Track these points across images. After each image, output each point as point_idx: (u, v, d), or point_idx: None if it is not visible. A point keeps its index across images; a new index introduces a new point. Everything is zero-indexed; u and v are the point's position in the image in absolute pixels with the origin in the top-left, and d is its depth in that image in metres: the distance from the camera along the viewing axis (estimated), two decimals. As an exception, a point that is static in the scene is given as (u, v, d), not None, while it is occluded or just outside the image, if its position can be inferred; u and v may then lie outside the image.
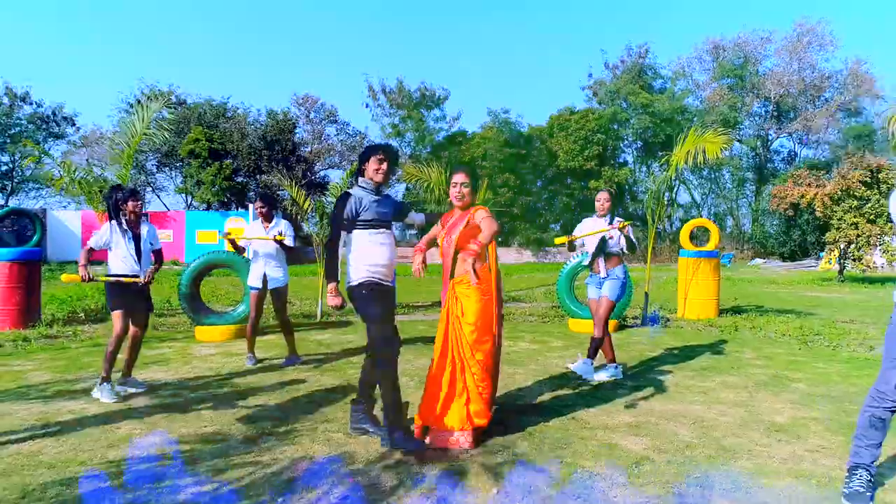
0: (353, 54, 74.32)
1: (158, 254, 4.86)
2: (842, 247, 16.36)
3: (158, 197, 35.91)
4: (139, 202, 4.68)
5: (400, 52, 72.92)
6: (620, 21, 69.64)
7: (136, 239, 4.65)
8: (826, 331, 7.65)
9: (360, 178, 3.55)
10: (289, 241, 5.62)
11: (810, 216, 20.39)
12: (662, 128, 32.35)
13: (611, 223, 4.95)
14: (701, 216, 36.69)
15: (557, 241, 4.97)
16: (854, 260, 15.97)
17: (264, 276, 5.62)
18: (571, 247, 5.05)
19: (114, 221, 4.57)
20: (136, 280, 4.56)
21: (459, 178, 3.56)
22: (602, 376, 5.00)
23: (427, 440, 3.42)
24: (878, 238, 15.34)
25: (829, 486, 2.89)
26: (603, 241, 4.96)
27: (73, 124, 37.39)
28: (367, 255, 3.43)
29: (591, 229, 5.03)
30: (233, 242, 5.71)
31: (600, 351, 5.05)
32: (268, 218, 5.73)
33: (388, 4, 74.93)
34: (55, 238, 24.15)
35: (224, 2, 74.92)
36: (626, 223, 4.89)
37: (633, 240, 4.98)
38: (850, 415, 3.97)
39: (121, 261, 4.57)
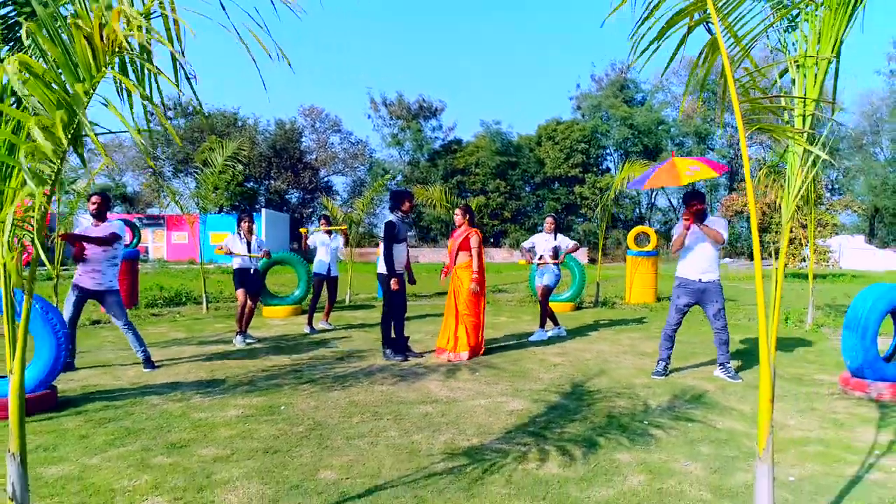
0: (353, 54, 76.74)
1: (266, 252, 7.49)
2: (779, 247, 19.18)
3: (177, 202, 38.42)
4: (251, 223, 7.32)
5: (400, 52, 75.55)
6: (620, 22, 72.24)
7: (248, 244, 7.30)
8: (727, 310, 10.37)
9: (398, 211, 6.17)
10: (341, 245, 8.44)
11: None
12: (640, 138, 35.25)
13: (555, 238, 7.63)
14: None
15: (521, 262, 7.76)
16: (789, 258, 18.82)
17: (328, 267, 8.26)
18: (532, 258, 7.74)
19: (234, 234, 7.24)
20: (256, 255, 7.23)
21: (458, 212, 6.29)
22: (550, 333, 7.68)
23: (444, 357, 6.12)
24: (807, 240, 18.19)
25: (648, 371, 5.58)
26: (554, 248, 7.63)
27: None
28: (397, 257, 6.10)
29: (541, 243, 7.68)
30: (302, 238, 8.44)
31: (549, 321, 7.70)
32: (329, 233, 8.41)
33: (388, 4, 77.45)
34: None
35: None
36: (568, 252, 7.66)
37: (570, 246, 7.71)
38: (687, 349, 6.68)
39: (239, 258, 7.22)
